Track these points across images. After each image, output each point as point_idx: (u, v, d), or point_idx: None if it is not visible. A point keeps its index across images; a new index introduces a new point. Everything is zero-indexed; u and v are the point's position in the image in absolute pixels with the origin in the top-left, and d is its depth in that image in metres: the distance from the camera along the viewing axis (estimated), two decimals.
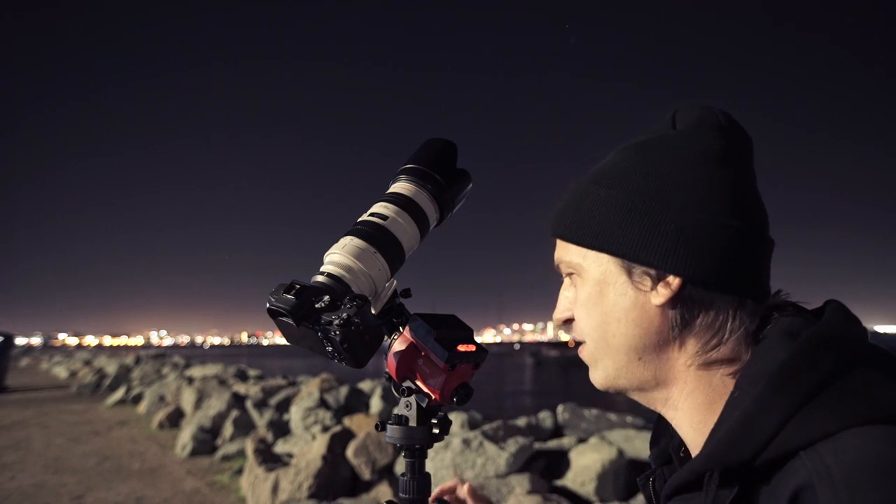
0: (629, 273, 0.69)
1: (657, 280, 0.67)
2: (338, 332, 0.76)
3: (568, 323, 0.78)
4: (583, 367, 0.78)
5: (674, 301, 0.66)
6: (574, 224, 0.73)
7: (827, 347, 0.58)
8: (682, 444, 0.75)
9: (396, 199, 0.93)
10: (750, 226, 0.67)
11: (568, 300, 0.78)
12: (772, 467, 0.56)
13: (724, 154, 0.68)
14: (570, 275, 0.76)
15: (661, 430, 0.80)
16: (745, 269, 0.66)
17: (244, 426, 8.71)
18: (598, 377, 0.75)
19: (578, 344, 0.78)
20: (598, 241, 0.70)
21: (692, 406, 0.69)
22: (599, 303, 0.72)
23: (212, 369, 17.28)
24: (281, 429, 8.32)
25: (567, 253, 0.75)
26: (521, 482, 4.61)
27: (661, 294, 0.67)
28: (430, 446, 0.89)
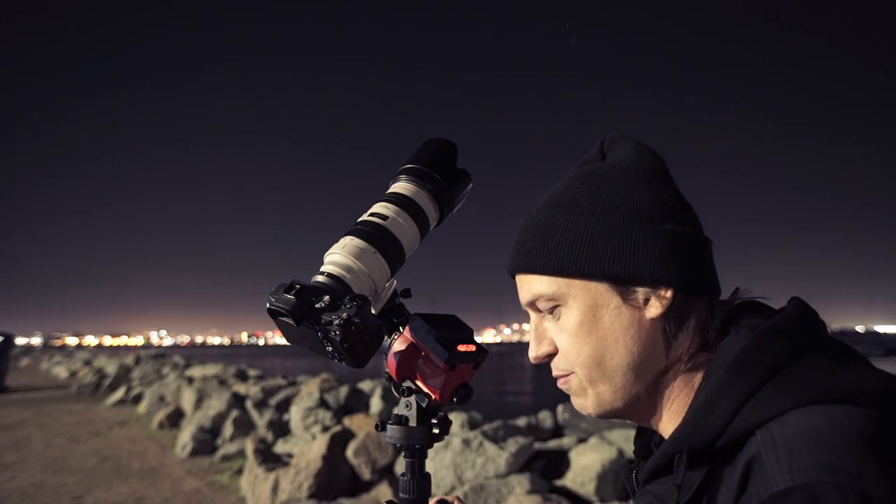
0: (621, 293, 0.72)
1: (650, 295, 0.72)
2: (338, 332, 0.76)
3: (549, 358, 0.77)
4: None
5: (667, 312, 0.72)
6: (554, 255, 0.73)
7: (781, 337, 0.65)
8: (662, 439, 0.79)
9: (396, 199, 0.93)
10: (700, 230, 0.76)
11: (548, 332, 0.77)
12: (734, 448, 0.61)
13: (665, 172, 0.77)
14: (553, 308, 0.75)
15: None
16: (709, 270, 0.75)
17: (244, 426, 8.71)
18: (591, 403, 0.75)
19: (559, 378, 0.77)
20: (588, 267, 0.72)
21: (678, 408, 0.73)
22: (594, 328, 0.72)
23: (212, 369, 17.28)
24: (281, 429, 8.32)
25: (546, 286, 0.74)
26: (521, 482, 4.62)
27: (655, 307, 0.71)
28: (430, 446, 0.89)
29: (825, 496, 0.51)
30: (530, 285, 0.76)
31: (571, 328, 0.73)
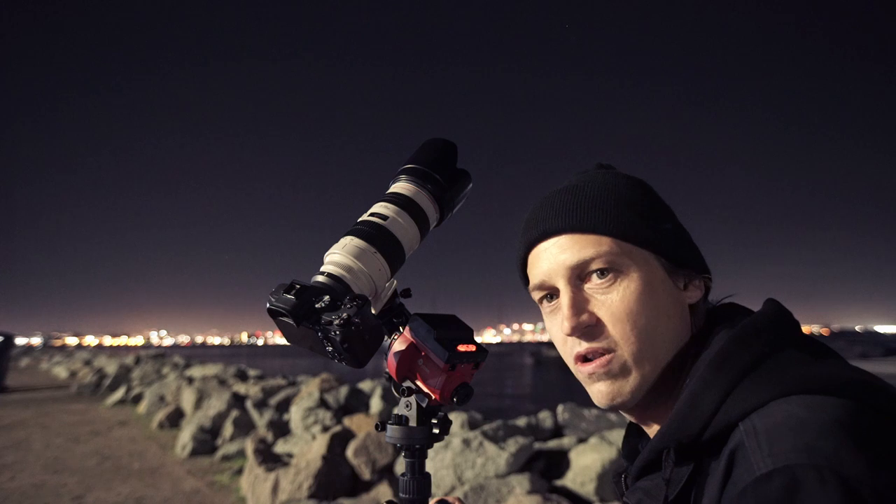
0: (670, 271, 0.75)
1: (691, 280, 0.76)
2: (338, 332, 0.76)
3: (587, 329, 0.73)
4: None
5: (698, 301, 0.76)
6: (621, 219, 0.74)
7: (759, 334, 0.68)
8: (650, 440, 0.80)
9: (396, 199, 0.93)
10: None
11: (589, 303, 0.74)
12: (719, 442, 0.63)
13: None
14: (603, 271, 0.73)
15: (632, 429, 0.87)
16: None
17: (244, 426, 8.71)
18: (630, 387, 0.73)
19: (595, 355, 0.73)
20: (650, 238, 0.74)
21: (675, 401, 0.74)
22: (651, 300, 0.72)
23: (212, 369, 17.27)
24: (281, 429, 8.31)
25: (609, 248, 0.73)
26: (521, 482, 4.61)
27: (693, 293, 0.76)
28: (430, 446, 0.89)
29: (804, 477, 0.53)
30: (581, 246, 0.74)
31: (631, 297, 0.72)
